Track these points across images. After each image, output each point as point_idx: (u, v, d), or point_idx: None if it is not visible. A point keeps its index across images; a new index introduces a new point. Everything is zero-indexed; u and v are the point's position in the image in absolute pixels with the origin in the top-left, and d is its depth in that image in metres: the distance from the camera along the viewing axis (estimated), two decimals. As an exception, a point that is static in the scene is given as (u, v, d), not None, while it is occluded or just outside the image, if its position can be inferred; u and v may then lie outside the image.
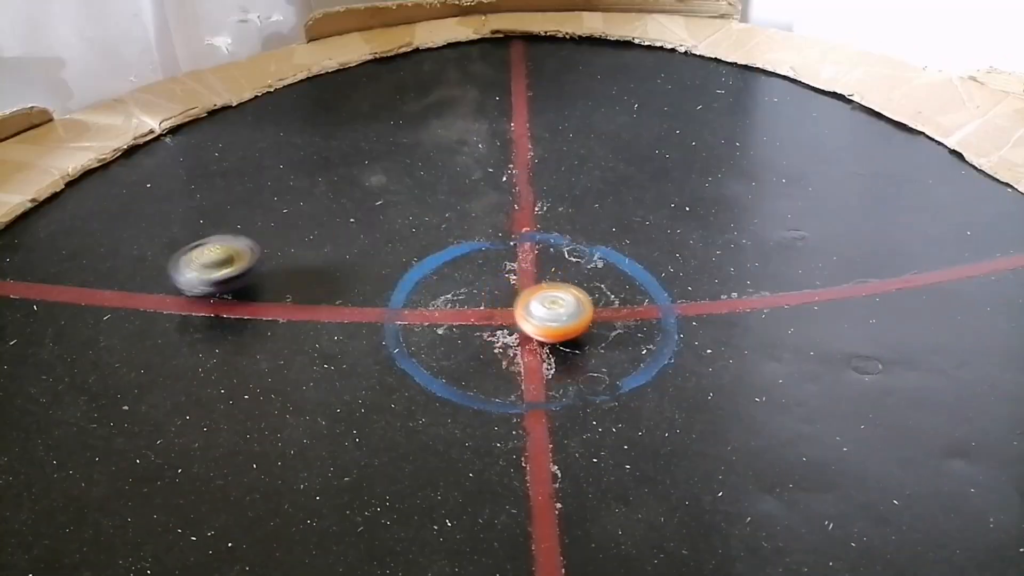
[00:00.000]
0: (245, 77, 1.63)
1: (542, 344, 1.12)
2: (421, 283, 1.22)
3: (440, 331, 1.15)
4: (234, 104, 1.57)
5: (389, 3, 1.77)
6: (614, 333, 1.14)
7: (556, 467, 0.98)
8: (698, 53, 1.71)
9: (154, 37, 1.57)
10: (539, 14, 1.80)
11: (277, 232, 1.30)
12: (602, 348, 1.12)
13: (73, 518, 0.93)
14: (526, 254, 1.27)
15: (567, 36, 1.76)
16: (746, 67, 1.67)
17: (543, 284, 1.18)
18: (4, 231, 1.30)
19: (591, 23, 1.79)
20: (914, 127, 1.49)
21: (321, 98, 1.62)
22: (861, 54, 1.66)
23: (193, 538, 0.92)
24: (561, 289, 1.14)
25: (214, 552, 0.90)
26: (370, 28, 1.77)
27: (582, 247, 1.27)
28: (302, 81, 1.64)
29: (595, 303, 1.17)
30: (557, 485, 0.96)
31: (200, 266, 1.16)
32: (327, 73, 1.67)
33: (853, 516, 0.93)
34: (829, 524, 0.92)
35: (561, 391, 1.07)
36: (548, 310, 1.10)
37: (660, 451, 1.00)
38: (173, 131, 1.51)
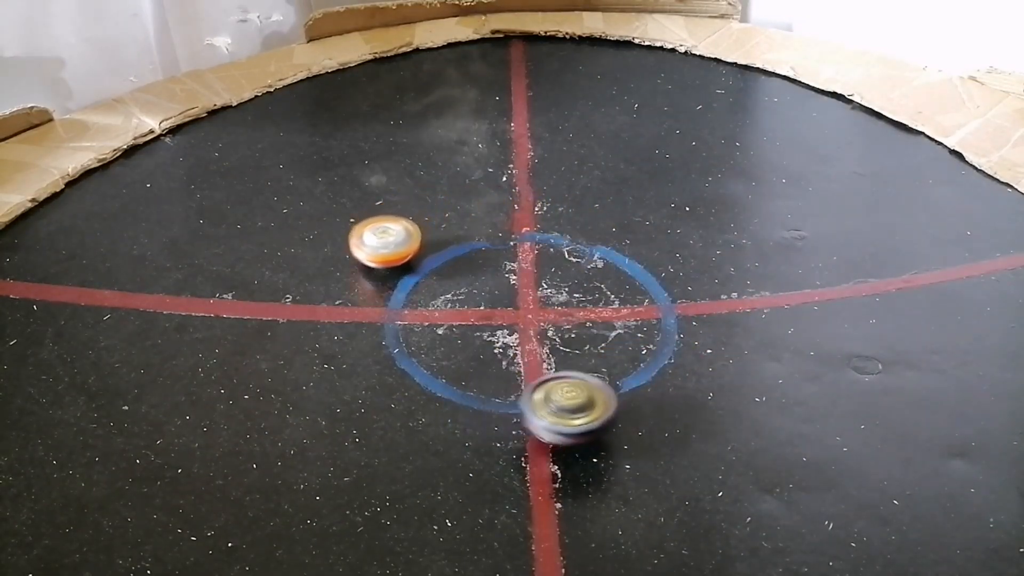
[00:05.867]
0: (245, 77, 1.63)
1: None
2: (421, 283, 1.22)
3: (440, 331, 1.15)
4: (234, 104, 1.57)
5: (389, 3, 1.77)
6: (614, 333, 1.14)
7: (556, 467, 0.98)
8: (698, 53, 1.71)
9: (154, 37, 1.57)
10: (539, 14, 1.80)
11: (277, 232, 1.30)
12: (602, 348, 1.12)
13: (73, 518, 0.93)
14: (526, 254, 1.27)
15: (567, 36, 1.76)
16: (746, 67, 1.67)
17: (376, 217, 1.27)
18: (4, 231, 1.30)
19: (591, 23, 1.79)
20: (914, 127, 1.49)
21: (321, 98, 1.62)
22: (861, 54, 1.66)
23: (193, 538, 0.92)
24: (392, 220, 1.25)
25: (214, 552, 0.90)
26: (370, 28, 1.77)
27: (582, 247, 1.27)
28: (302, 81, 1.64)
29: (595, 303, 1.17)
30: (557, 485, 0.96)
31: (557, 410, 0.98)
32: (327, 73, 1.66)
33: (853, 516, 0.93)
34: (829, 524, 0.92)
35: (561, 391, 1.07)
36: (379, 239, 1.22)
37: (660, 451, 1.00)
38: (173, 131, 1.51)
